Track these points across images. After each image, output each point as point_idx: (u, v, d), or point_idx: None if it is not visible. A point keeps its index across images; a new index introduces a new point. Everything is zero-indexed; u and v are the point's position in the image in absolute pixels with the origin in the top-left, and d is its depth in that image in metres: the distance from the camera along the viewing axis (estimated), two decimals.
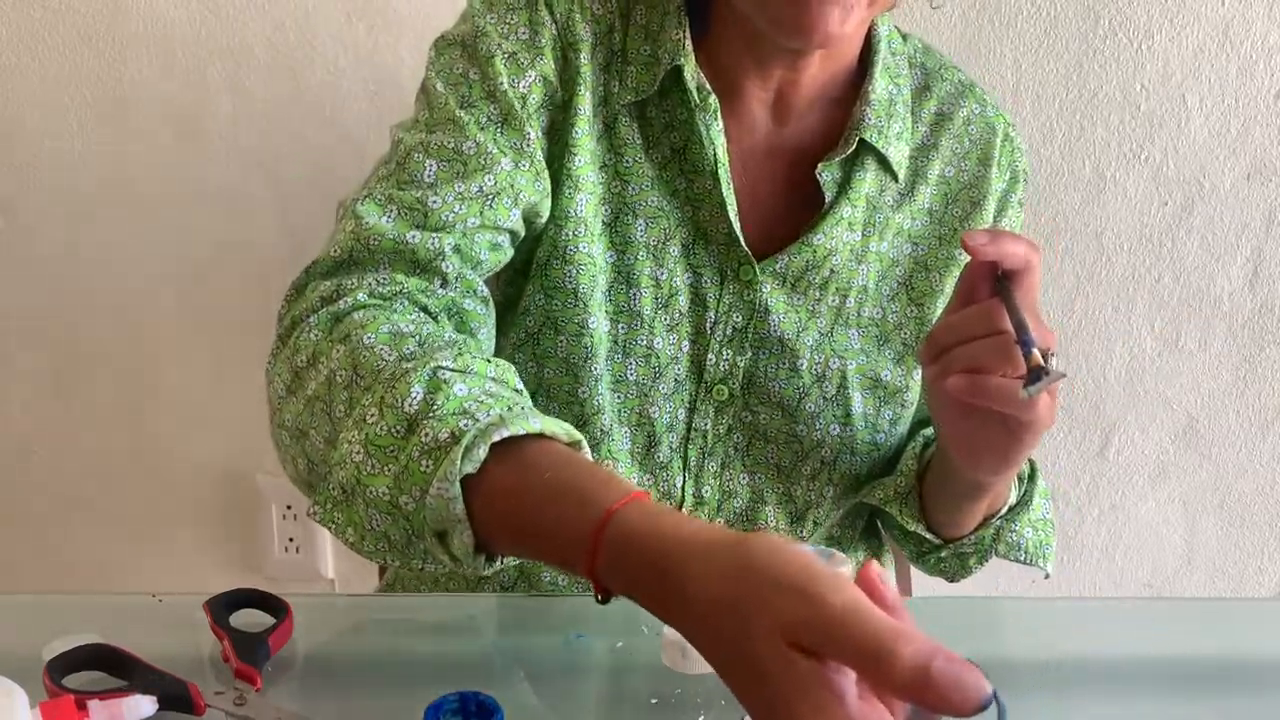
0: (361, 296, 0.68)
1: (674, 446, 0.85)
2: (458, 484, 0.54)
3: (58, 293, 1.45)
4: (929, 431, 0.90)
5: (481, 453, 0.55)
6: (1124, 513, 1.61)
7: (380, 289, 0.70)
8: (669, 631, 0.69)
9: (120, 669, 0.64)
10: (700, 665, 0.68)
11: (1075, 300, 1.47)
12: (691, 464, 0.85)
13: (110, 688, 0.62)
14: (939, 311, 0.86)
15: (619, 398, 0.84)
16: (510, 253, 0.79)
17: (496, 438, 0.55)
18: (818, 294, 0.84)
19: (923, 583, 1.10)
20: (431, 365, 0.60)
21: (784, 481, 0.87)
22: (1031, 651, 0.77)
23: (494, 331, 0.77)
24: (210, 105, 1.36)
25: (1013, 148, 0.90)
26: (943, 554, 0.88)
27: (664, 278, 0.83)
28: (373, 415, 0.59)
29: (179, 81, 1.35)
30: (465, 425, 0.56)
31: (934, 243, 0.87)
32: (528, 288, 0.83)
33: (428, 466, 0.56)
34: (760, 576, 0.45)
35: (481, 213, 0.75)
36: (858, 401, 0.86)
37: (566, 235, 0.81)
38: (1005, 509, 0.85)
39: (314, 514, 0.61)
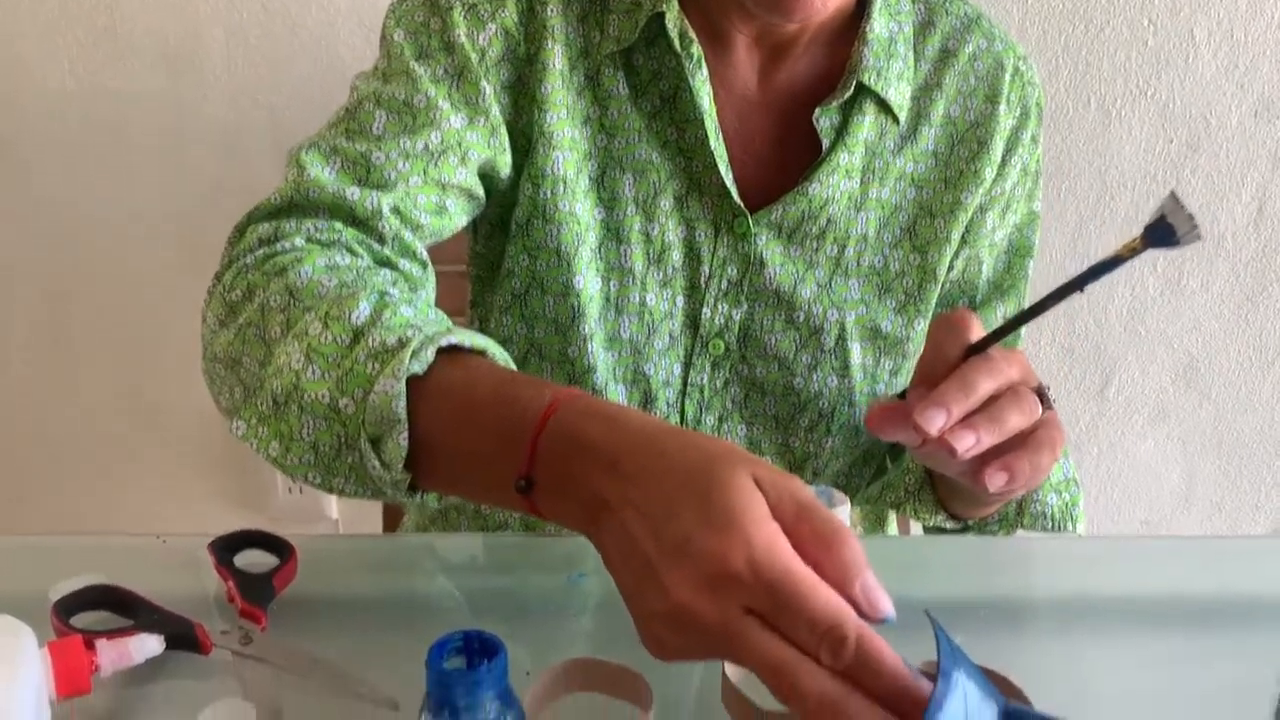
0: (299, 241, 0.69)
1: (670, 402, 0.85)
2: (404, 382, 0.55)
3: (54, 235, 1.45)
4: None
5: (429, 354, 0.56)
6: (1123, 451, 1.62)
7: (318, 235, 0.70)
8: None
9: (127, 609, 0.65)
10: None
11: (1078, 239, 1.47)
12: (688, 419, 0.85)
13: (117, 628, 0.63)
14: (944, 259, 0.85)
15: (613, 356, 0.83)
16: (459, 217, 0.78)
17: (444, 343, 0.57)
18: (815, 244, 0.83)
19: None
20: (378, 289, 0.62)
21: (782, 433, 0.87)
22: (1028, 589, 0.78)
23: (433, 298, 0.76)
24: (205, 44, 1.34)
25: (1023, 82, 0.87)
26: (966, 535, 0.86)
27: (655, 233, 0.82)
28: (315, 328, 0.59)
29: (173, 20, 1.33)
30: (412, 334, 0.57)
31: (939, 186, 0.85)
32: (510, 249, 0.82)
33: (374, 369, 0.57)
34: (737, 447, 0.48)
35: (425, 171, 0.74)
36: (856, 353, 0.85)
37: (545, 194, 0.80)
38: None
39: (237, 430, 0.61)
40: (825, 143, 0.81)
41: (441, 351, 0.57)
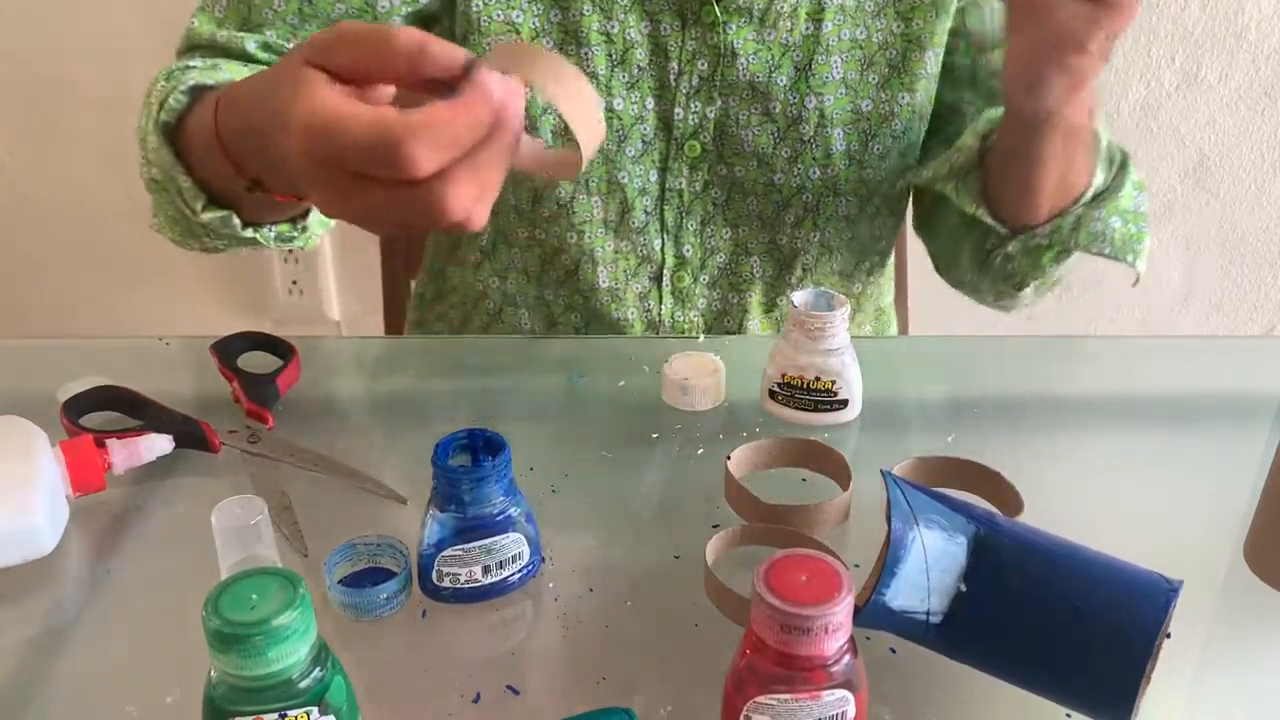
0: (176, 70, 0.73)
1: (649, 210, 0.82)
2: (157, 134, 0.63)
3: (36, 30, 1.39)
4: (995, 113, 0.79)
5: (174, 101, 0.63)
6: None
7: (194, 63, 0.73)
8: (669, 369, 0.70)
9: (134, 410, 0.66)
10: (700, 401, 0.70)
11: None
12: (669, 225, 0.83)
13: (127, 428, 0.64)
14: (930, 25, 0.79)
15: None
16: None
17: (184, 86, 0.63)
18: (789, 24, 0.78)
19: (917, 323, 1.11)
20: (183, 68, 0.69)
21: (768, 231, 0.85)
22: (1024, 388, 0.79)
23: None
24: None
25: None
26: (1010, 249, 0.79)
27: (616, 31, 0.78)
28: (142, 120, 0.67)
29: None
30: (167, 90, 0.64)
31: None
32: None
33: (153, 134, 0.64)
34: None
35: (300, 10, 0.76)
36: (839, 139, 0.81)
37: (476, 6, 0.76)
38: (1090, 194, 0.75)
39: (153, 225, 0.71)
40: None
41: (197, 101, 0.63)
